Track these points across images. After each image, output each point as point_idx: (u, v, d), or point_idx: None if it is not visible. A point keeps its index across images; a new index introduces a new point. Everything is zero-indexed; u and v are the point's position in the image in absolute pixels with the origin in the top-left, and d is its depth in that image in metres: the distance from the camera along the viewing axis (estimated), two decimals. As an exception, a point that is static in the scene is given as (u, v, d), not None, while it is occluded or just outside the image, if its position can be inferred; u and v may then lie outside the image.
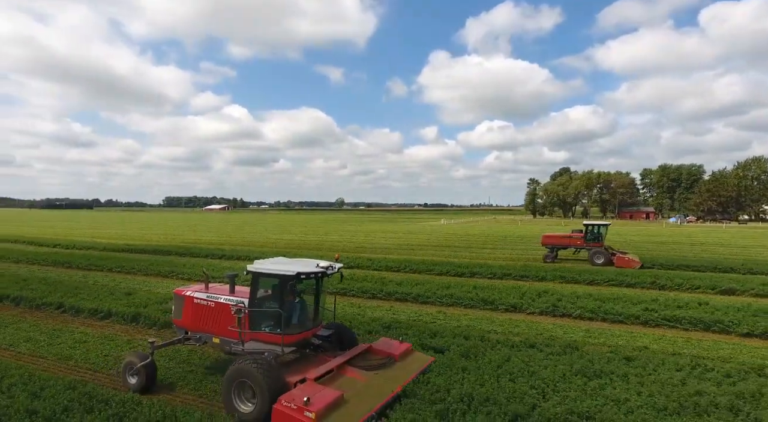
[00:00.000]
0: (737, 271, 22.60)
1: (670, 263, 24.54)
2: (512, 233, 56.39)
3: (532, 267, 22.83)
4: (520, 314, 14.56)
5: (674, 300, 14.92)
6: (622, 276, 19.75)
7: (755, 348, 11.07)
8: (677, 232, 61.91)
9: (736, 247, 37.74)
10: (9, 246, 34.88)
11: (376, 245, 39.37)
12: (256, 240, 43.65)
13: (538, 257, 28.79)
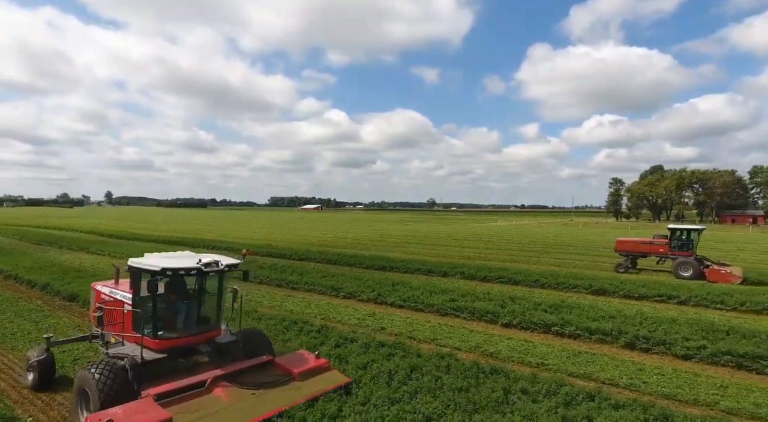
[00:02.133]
0: None
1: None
2: (556, 238, 52.65)
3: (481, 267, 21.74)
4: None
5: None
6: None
7: None
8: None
9: None
10: (76, 235, 41.62)
11: (386, 241, 39.67)
12: (286, 237, 46.50)
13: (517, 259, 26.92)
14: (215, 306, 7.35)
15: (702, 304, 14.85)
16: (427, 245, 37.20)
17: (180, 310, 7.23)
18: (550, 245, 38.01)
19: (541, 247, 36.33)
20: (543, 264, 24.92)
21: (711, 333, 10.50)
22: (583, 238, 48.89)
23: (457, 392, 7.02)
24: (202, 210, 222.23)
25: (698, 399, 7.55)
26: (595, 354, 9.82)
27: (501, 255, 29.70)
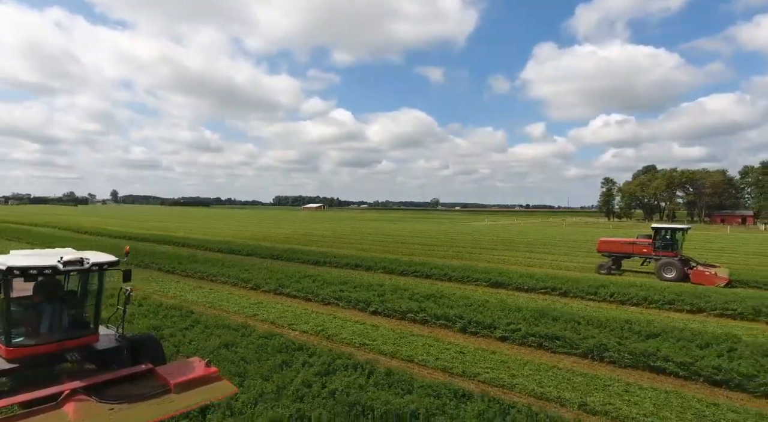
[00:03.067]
0: None
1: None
2: (523, 237, 53.50)
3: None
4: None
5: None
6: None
7: None
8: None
9: None
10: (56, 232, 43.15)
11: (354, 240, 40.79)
12: (260, 234, 47.79)
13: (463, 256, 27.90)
14: (93, 309, 6.74)
15: (578, 295, 15.91)
16: (384, 242, 38.28)
17: (45, 313, 6.43)
18: (508, 244, 38.94)
19: (495, 245, 37.30)
20: (480, 261, 25.93)
21: (540, 319, 11.51)
22: (555, 237, 49.72)
23: (248, 358, 8.23)
24: (201, 209, 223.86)
25: (467, 371, 8.60)
26: (423, 336, 10.89)
27: (448, 252, 30.71)
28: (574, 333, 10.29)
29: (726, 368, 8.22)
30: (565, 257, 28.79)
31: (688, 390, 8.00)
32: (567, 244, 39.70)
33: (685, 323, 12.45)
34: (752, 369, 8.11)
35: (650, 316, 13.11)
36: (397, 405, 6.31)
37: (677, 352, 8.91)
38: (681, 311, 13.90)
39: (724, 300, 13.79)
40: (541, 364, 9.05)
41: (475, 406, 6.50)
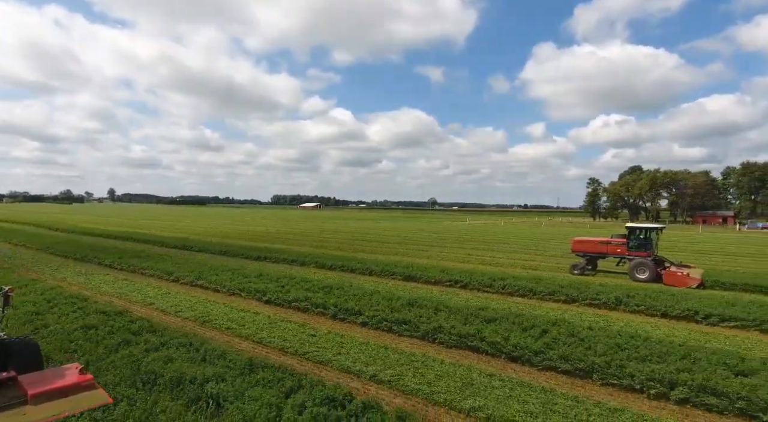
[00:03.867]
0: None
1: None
2: (490, 236, 54.50)
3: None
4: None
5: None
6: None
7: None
8: (745, 240, 54.01)
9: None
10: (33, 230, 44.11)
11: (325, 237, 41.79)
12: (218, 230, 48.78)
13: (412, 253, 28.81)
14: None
15: (476, 287, 16.91)
16: (344, 240, 39.27)
17: None
18: (464, 242, 39.95)
19: (452, 243, 38.31)
20: (422, 257, 26.91)
21: (408, 306, 12.50)
22: (521, 236, 50.75)
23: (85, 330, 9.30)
24: (197, 208, 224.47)
25: (300, 350, 9.57)
26: (292, 322, 11.85)
27: (398, 249, 31.68)
28: (423, 318, 11.26)
29: (523, 345, 9.21)
30: (510, 255, 29.76)
31: (480, 363, 9.01)
32: (524, 242, 40.71)
33: (545, 310, 13.47)
34: (544, 347, 9.09)
35: (526, 305, 14.13)
36: (189, 373, 7.28)
37: (494, 334, 9.89)
38: (558, 301, 14.89)
39: (596, 292, 14.80)
40: (374, 345, 10.03)
41: (265, 375, 7.46)
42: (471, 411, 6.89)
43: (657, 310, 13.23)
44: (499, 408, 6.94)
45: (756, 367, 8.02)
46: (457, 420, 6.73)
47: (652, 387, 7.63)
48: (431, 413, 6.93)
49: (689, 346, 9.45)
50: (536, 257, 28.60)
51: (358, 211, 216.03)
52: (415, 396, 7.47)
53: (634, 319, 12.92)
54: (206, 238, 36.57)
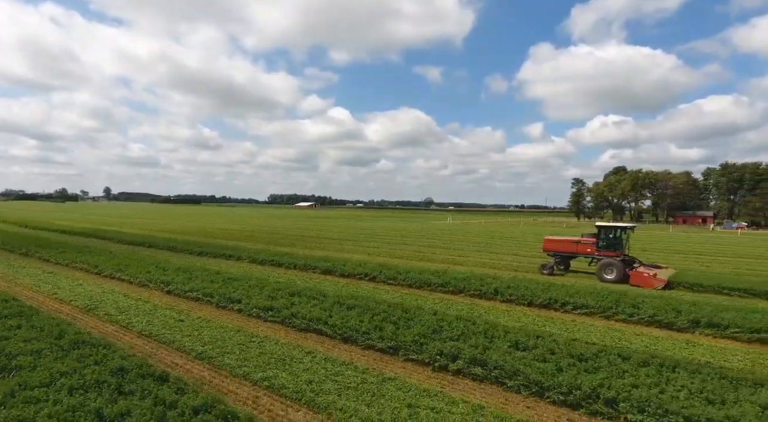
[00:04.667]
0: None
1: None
2: (467, 235, 55.41)
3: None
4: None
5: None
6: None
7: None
8: (718, 240, 55.00)
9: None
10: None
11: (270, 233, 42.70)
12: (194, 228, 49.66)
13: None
14: None
15: (383, 281, 17.84)
16: (302, 237, 40.23)
17: None
18: (417, 238, 40.91)
19: (406, 240, 39.27)
20: (365, 254, 27.86)
21: (291, 296, 13.40)
22: (489, 235, 51.71)
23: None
24: (189, 207, 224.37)
25: (152, 331, 10.48)
26: (170, 309, 12.75)
27: (344, 246, 32.62)
28: (291, 305, 12.17)
29: (355, 327, 10.13)
30: (451, 251, 30.71)
31: (313, 343, 9.94)
32: (480, 240, 41.68)
33: (428, 301, 14.43)
34: (371, 328, 10.02)
35: (414, 296, 15.09)
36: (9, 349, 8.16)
37: (337, 318, 10.81)
38: (446, 293, 15.84)
39: (480, 284, 15.74)
40: (230, 328, 10.94)
41: (83, 351, 8.33)
42: (259, 380, 7.80)
43: (525, 299, 14.18)
44: (287, 378, 7.86)
45: (535, 344, 8.97)
46: (241, 387, 7.65)
47: (437, 361, 8.57)
48: (224, 382, 7.83)
49: (490, 324, 10.40)
50: (477, 254, 29.53)
51: (350, 210, 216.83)
52: (223, 370, 8.36)
53: (500, 307, 13.88)
54: (169, 235, 37.46)
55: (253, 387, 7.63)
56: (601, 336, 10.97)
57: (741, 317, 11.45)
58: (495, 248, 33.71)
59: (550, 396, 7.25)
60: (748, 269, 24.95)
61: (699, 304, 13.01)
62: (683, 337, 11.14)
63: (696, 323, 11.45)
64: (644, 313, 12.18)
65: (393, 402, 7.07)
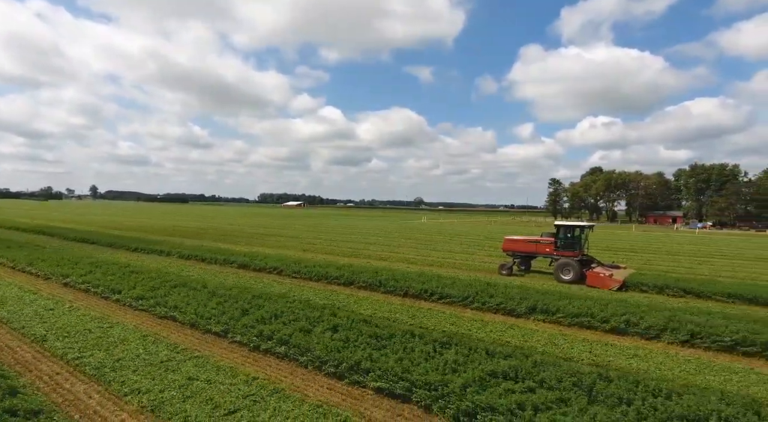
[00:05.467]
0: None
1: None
2: (424, 234, 56.28)
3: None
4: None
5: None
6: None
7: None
8: (679, 240, 56.29)
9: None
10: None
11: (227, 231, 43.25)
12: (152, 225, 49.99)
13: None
14: None
15: (288, 274, 18.56)
16: (252, 234, 40.86)
17: None
18: (365, 235, 41.71)
19: (354, 237, 40.07)
20: (300, 250, 28.56)
21: (174, 288, 14.06)
22: (452, 233, 52.64)
23: None
24: (167, 205, 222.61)
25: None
26: (43, 296, 13.36)
27: (289, 243, 33.31)
28: (164, 295, 12.83)
29: (203, 313, 10.83)
30: (397, 249, 31.53)
31: (155, 327, 10.64)
32: (432, 239, 42.59)
33: (300, 292, 15.19)
34: (216, 313, 10.73)
35: (301, 288, 15.84)
36: None
37: (193, 305, 11.51)
38: (339, 284, 16.61)
39: (372, 277, 16.53)
40: (91, 317, 11.56)
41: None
42: (72, 360, 8.43)
43: (401, 290, 14.97)
44: (99, 357, 8.54)
45: (350, 326, 9.76)
46: (51, 366, 8.29)
47: (252, 342, 9.31)
48: (40, 362, 8.47)
49: (328, 310, 11.19)
50: (412, 250, 30.35)
51: (337, 210, 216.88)
52: (47, 352, 8.96)
53: (377, 297, 14.68)
54: (120, 232, 37.79)
55: (62, 365, 8.28)
56: (437, 322, 11.80)
57: (566, 304, 12.42)
58: (435, 246, 34.58)
59: (326, 369, 8.02)
60: (687, 266, 25.45)
61: (549, 294, 13.93)
62: (517, 322, 12.04)
63: (533, 309, 12.35)
64: (493, 301, 13.05)
65: (177, 376, 7.77)
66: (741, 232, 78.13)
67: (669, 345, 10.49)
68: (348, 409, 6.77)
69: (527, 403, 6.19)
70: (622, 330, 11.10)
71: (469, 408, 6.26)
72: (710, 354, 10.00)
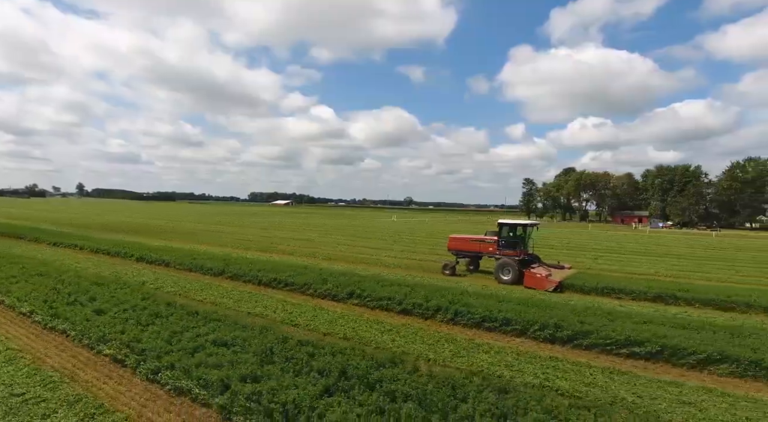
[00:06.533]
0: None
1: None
2: (385, 231, 57.42)
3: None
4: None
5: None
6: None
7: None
8: (639, 239, 57.71)
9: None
10: None
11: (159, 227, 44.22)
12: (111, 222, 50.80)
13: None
14: None
15: (179, 268, 19.80)
16: (187, 231, 41.96)
17: None
18: (304, 231, 42.97)
19: (275, 232, 41.30)
20: (217, 245, 29.70)
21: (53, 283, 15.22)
22: (400, 231, 53.98)
23: None
24: (147, 203, 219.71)
25: None
26: None
27: (217, 238, 34.44)
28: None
29: (26, 297, 11.99)
30: (316, 244, 32.77)
31: None
32: (365, 235, 43.93)
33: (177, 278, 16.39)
34: (51, 296, 11.89)
35: (159, 274, 17.02)
36: None
37: (20, 286, 12.68)
38: (230, 280, 17.69)
39: (249, 269, 17.58)
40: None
41: None
42: None
43: (280, 282, 15.82)
44: None
45: (141, 305, 10.98)
46: None
47: (45, 320, 10.48)
48: None
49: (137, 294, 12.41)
50: (332, 247, 31.56)
51: (322, 208, 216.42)
52: None
53: (240, 287, 15.88)
54: (55, 228, 38.61)
55: None
56: (236, 301, 13.06)
57: (418, 298, 13.70)
58: (365, 243, 35.83)
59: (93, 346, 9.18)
60: (631, 265, 25.42)
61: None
62: (364, 312, 13.33)
63: (350, 294, 13.69)
64: (324, 288, 14.38)
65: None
66: (698, 231, 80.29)
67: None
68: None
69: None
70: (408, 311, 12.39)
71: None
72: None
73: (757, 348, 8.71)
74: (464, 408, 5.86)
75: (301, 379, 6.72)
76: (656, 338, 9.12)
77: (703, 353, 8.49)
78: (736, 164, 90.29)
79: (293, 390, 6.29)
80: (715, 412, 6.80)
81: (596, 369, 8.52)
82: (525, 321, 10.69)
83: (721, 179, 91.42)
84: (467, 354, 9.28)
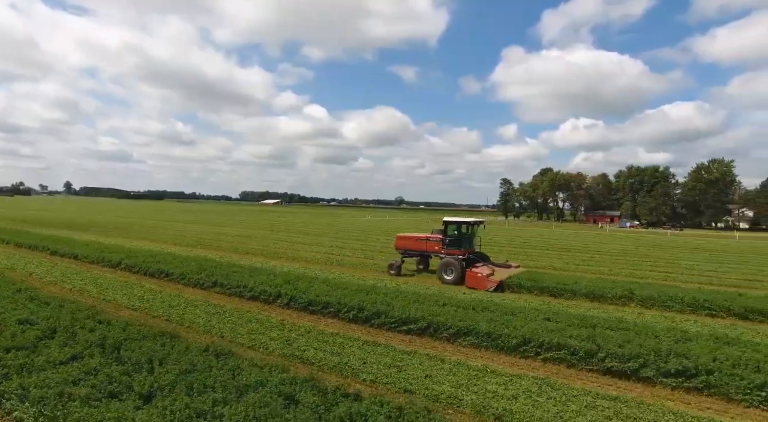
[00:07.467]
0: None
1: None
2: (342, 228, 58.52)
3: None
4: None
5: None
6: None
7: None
8: (594, 238, 59.08)
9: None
10: None
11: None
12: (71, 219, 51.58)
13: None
14: None
15: (94, 262, 20.85)
16: (144, 228, 43.01)
17: None
18: (253, 228, 44.07)
19: (225, 230, 42.36)
20: (160, 242, 30.75)
21: None
22: (366, 230, 55.17)
23: None
24: (128, 201, 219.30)
25: None
26: None
27: (186, 237, 35.47)
28: None
29: None
30: (267, 242, 33.91)
31: None
32: (320, 233, 45.13)
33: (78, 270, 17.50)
34: None
35: (72, 268, 18.13)
36: None
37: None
38: (122, 269, 18.91)
39: (152, 262, 18.82)
40: None
41: None
42: None
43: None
44: None
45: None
46: None
47: None
48: None
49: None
50: (281, 243, 32.72)
51: (310, 207, 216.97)
52: None
53: (130, 278, 17.02)
54: (15, 225, 39.47)
55: None
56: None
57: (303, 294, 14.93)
58: (311, 240, 37.02)
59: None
60: (536, 261, 26.49)
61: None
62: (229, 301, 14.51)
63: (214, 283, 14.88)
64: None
65: None
66: (663, 231, 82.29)
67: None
68: None
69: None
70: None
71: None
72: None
73: (491, 320, 10.20)
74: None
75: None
76: (429, 316, 10.43)
77: (454, 328, 9.81)
78: (701, 165, 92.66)
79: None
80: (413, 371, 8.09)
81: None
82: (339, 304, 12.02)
83: (687, 181, 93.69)
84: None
